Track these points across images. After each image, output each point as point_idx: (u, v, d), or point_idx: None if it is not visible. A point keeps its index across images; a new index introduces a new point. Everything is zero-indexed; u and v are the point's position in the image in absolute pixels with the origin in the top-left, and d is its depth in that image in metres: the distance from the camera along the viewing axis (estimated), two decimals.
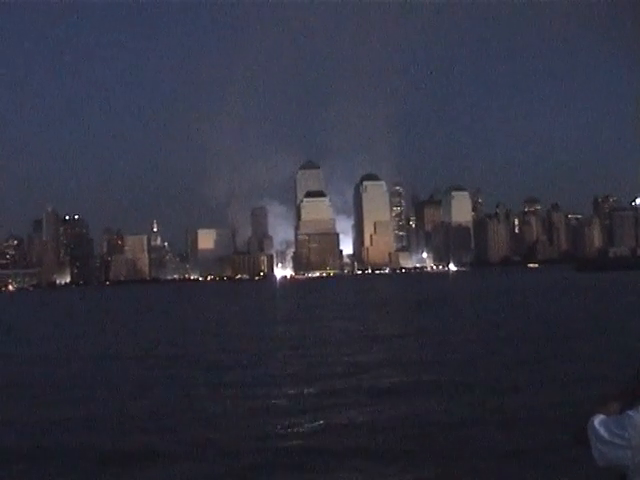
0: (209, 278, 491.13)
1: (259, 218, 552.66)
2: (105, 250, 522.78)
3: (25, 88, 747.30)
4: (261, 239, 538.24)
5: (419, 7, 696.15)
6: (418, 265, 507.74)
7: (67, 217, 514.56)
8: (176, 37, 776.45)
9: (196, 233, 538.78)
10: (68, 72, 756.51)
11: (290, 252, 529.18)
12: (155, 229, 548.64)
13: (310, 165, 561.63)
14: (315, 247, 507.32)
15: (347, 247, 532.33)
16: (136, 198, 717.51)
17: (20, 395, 30.49)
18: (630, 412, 3.50)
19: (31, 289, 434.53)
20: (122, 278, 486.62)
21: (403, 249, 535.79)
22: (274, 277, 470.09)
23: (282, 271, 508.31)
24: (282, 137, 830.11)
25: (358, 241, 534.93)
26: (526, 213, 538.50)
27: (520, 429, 20.14)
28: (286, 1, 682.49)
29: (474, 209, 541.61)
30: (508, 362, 34.14)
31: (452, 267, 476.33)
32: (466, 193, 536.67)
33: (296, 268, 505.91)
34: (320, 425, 21.77)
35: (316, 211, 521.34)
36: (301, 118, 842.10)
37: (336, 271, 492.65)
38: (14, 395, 30.61)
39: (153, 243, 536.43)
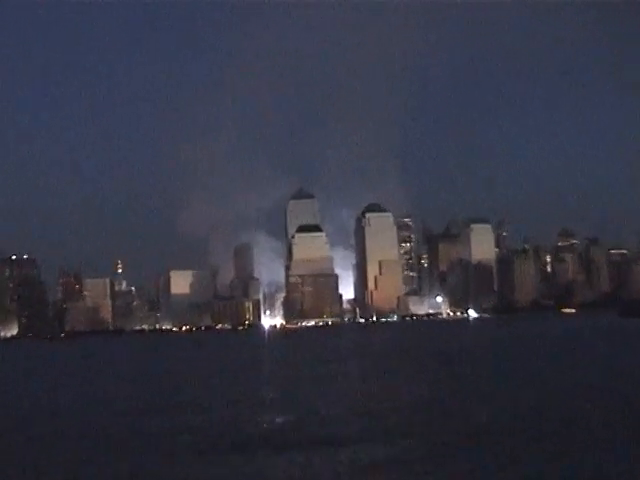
0: (184, 329, 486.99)
1: (243, 257, 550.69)
2: (60, 296, 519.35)
3: None
4: (246, 282, 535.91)
5: (430, 19, 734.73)
6: (432, 311, 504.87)
7: (14, 256, 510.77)
8: (157, 58, 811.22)
9: (169, 275, 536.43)
10: (18, 98, 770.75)
11: (280, 297, 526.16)
12: (120, 271, 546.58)
13: (303, 194, 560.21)
14: (310, 291, 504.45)
15: (347, 291, 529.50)
16: (97, 234, 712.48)
17: None
18: None
19: None
20: (81, 329, 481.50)
21: (414, 292, 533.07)
22: (261, 327, 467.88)
23: (271, 320, 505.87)
24: (270, 160, 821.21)
25: (360, 284, 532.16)
26: (560, 248, 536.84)
27: None
28: (280, 16, 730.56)
29: (498, 244, 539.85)
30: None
31: (472, 313, 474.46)
32: (488, 226, 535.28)
33: (287, 316, 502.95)
34: None
35: (311, 248, 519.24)
36: (292, 138, 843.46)
37: (335, 319, 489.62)
38: None
39: (117, 287, 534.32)
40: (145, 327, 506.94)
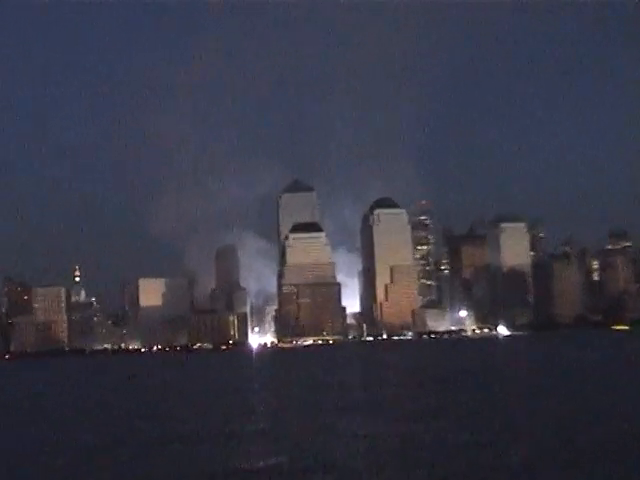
0: (155, 349, 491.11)
1: (227, 261, 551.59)
2: (5, 309, 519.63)
3: None
4: (230, 292, 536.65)
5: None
6: (454, 328, 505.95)
7: None
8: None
9: (137, 284, 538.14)
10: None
11: (271, 310, 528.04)
12: (77, 279, 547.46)
13: (299, 186, 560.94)
14: (307, 303, 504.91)
15: (352, 303, 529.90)
16: (50, 236, 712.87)
17: None
18: None
19: None
20: (29, 349, 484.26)
21: (432, 305, 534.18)
22: (249, 346, 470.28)
23: (260, 337, 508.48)
24: (260, 146, 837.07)
25: (368, 294, 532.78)
26: (609, 252, 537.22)
27: None
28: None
29: (533, 247, 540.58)
30: None
31: (502, 330, 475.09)
32: (522, 225, 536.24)
33: (280, 333, 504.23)
34: None
35: (308, 251, 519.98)
36: (287, 120, 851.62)
37: (337, 337, 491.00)
38: None
39: (75, 299, 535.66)
40: (108, 347, 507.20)
